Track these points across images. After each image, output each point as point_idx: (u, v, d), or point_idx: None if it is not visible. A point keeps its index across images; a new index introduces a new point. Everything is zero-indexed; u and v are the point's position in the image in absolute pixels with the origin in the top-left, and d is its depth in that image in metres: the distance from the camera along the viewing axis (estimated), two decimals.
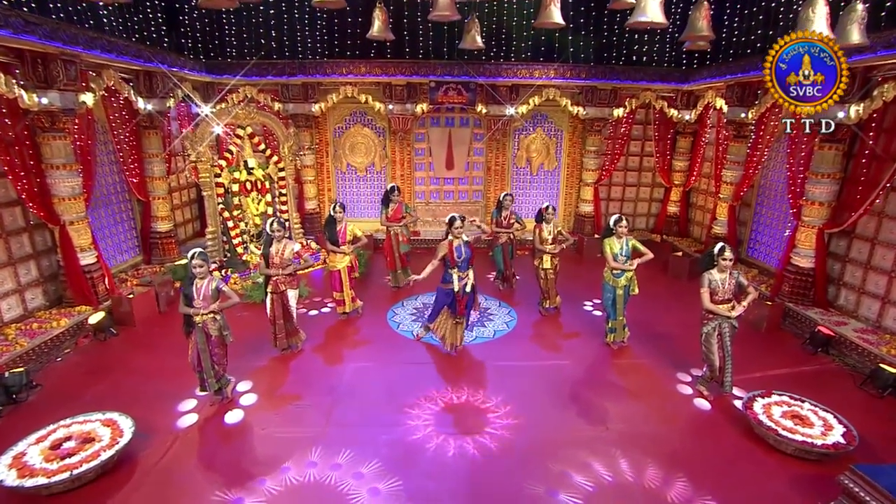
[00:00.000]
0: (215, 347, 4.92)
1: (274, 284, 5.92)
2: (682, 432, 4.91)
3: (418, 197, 11.51)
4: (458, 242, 5.82)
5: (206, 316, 4.81)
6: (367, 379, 5.71)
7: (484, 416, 4.99)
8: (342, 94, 10.18)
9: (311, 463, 4.29)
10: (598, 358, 6.28)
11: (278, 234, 5.85)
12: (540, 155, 11.36)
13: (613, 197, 11.75)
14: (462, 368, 5.94)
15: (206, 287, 4.80)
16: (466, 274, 5.90)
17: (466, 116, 11.07)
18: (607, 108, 10.47)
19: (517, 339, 6.76)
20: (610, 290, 6.25)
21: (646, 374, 5.88)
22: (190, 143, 8.27)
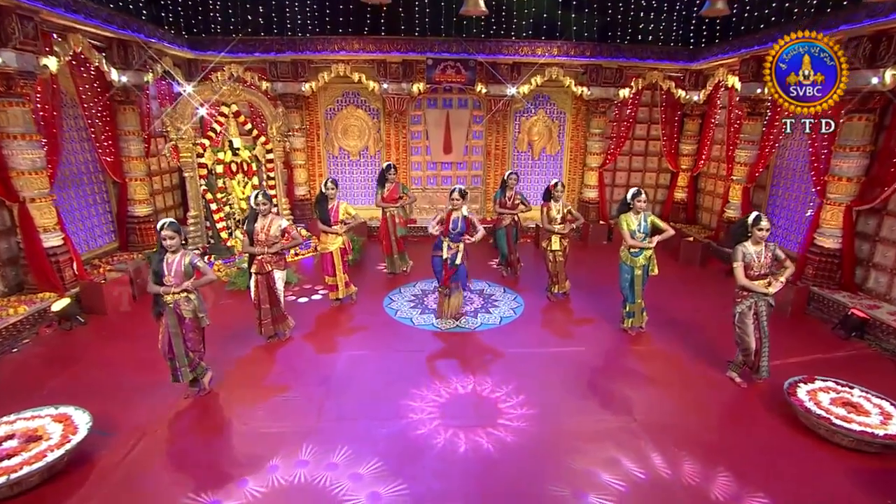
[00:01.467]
0: (189, 332, 4.32)
1: (259, 264, 5.34)
2: (717, 423, 4.39)
3: (415, 183, 10.93)
4: (458, 215, 5.73)
5: (178, 295, 4.21)
6: (364, 368, 5.13)
7: (496, 407, 4.43)
8: (334, 72, 9.58)
9: (301, 462, 3.70)
10: (615, 344, 5.74)
11: (264, 208, 5.26)
12: (542, 138, 10.83)
13: (618, 183, 11.24)
14: (467, 356, 5.37)
15: (178, 262, 4.20)
16: (457, 246, 5.75)
17: (465, 97, 10.51)
18: (612, 89, 9.96)
19: (526, 325, 6.21)
20: (627, 271, 5.71)
21: (669, 360, 5.35)
22: (170, 120, 7.64)
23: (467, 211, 5.79)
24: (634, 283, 5.70)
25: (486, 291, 7.29)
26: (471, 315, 6.42)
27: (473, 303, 6.83)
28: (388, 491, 3.42)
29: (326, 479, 3.51)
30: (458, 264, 5.77)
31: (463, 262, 5.84)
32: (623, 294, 5.85)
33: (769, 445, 4.00)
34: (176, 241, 4.16)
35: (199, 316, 4.34)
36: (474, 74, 9.69)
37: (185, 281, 4.21)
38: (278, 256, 5.44)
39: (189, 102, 7.79)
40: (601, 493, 3.43)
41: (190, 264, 4.22)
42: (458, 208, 5.72)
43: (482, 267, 8.36)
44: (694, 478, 3.58)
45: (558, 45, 9.67)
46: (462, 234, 5.71)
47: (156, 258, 4.22)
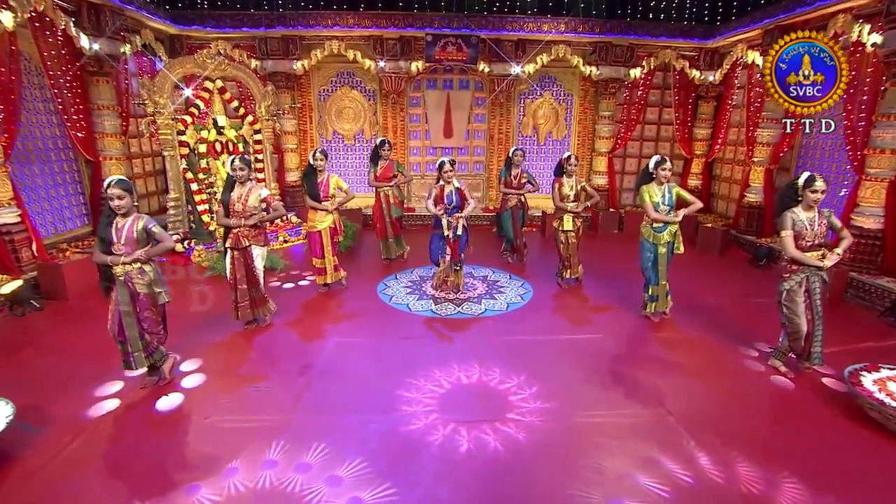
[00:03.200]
0: (145, 310, 3.64)
1: (235, 238, 4.67)
2: (767, 417, 3.70)
3: (413, 169, 10.27)
4: (450, 188, 5.44)
5: (129, 266, 3.54)
6: (352, 356, 4.44)
7: (504, 399, 3.74)
8: (327, 49, 8.95)
9: (269, 462, 3.02)
10: (637, 331, 5.05)
11: (241, 174, 4.60)
12: (548, 122, 10.18)
13: (628, 170, 10.57)
14: (470, 343, 4.68)
15: (129, 227, 3.53)
16: (456, 219, 5.44)
17: (467, 78, 9.87)
18: (623, 68, 9.32)
19: (536, 311, 5.52)
20: (650, 249, 5.03)
21: (700, 348, 4.66)
22: (148, 93, 6.98)
23: (458, 182, 5.52)
24: (658, 262, 5.02)
25: (490, 278, 6.61)
26: (474, 301, 5.74)
27: (476, 289, 6.15)
28: (371, 497, 2.72)
29: (296, 483, 2.81)
30: (460, 235, 5.50)
31: (465, 232, 5.58)
32: (645, 275, 5.16)
33: (834, 444, 3.31)
34: (126, 202, 3.49)
35: (155, 291, 3.67)
36: (476, 52, 9.05)
37: (137, 249, 3.54)
38: (257, 231, 4.77)
39: (168, 75, 7.14)
40: (640, 500, 2.74)
41: (143, 230, 3.56)
42: (449, 181, 5.45)
43: (485, 254, 7.68)
44: (755, 484, 2.88)
45: (566, 21, 9.05)
46: (458, 207, 5.47)
47: (103, 222, 3.55)
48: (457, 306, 5.57)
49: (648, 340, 4.87)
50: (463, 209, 5.50)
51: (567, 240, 6.05)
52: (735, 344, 4.70)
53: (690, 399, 3.80)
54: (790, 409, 3.77)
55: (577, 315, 5.48)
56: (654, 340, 4.86)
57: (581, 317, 5.44)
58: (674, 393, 3.85)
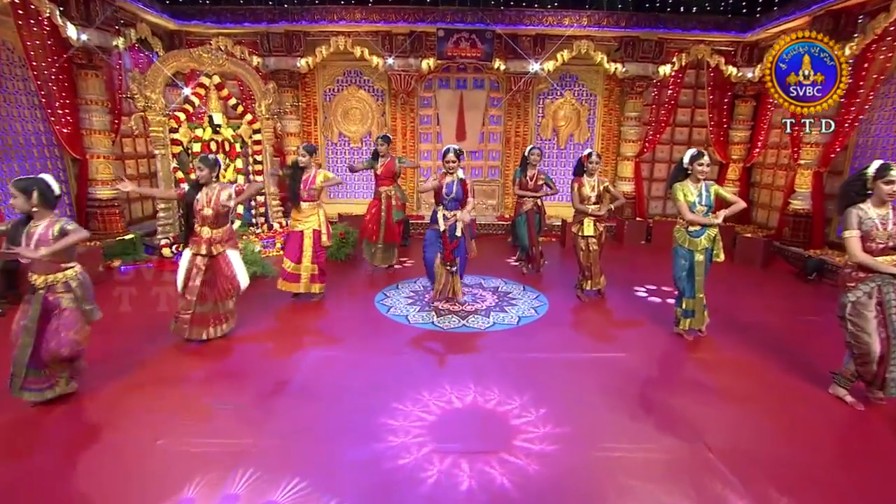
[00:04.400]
0: (68, 329, 3.24)
1: (206, 244, 4.30)
2: (829, 458, 3.13)
3: (423, 174, 9.94)
4: (452, 178, 5.06)
5: (52, 277, 3.19)
6: (333, 372, 4.02)
7: (507, 424, 3.26)
8: (333, 46, 8.73)
9: (229, 497, 2.60)
10: (668, 350, 4.52)
11: (201, 175, 4.26)
12: (569, 123, 9.76)
13: (657, 176, 10.04)
14: (473, 361, 4.22)
15: (44, 231, 3.16)
16: (454, 214, 5.04)
17: (481, 77, 9.55)
18: (651, 65, 8.88)
19: (551, 326, 5.04)
20: (685, 256, 4.52)
21: (745, 372, 4.11)
22: (138, 87, 6.80)
23: (463, 174, 5.11)
24: (694, 271, 4.50)
25: (501, 289, 6.15)
26: (481, 314, 5.28)
27: (485, 301, 5.70)
28: None
29: None
30: (459, 236, 5.04)
31: (464, 235, 5.09)
32: (678, 287, 4.64)
33: None
34: (20, 203, 3.08)
35: (85, 308, 3.31)
36: (492, 48, 8.74)
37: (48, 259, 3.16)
38: (228, 235, 4.43)
39: (161, 69, 6.96)
40: None
41: (59, 232, 3.18)
42: (452, 171, 5.04)
43: (498, 263, 7.24)
44: None
45: (589, 14, 8.69)
46: (459, 200, 5.04)
47: (13, 223, 3.20)
48: (461, 319, 5.12)
49: (682, 361, 4.33)
50: (464, 204, 5.06)
51: (588, 246, 5.57)
52: (786, 367, 4.13)
53: (734, 432, 3.26)
54: (858, 448, 3.20)
55: (599, 331, 4.97)
56: (689, 361, 4.32)
57: (603, 333, 4.92)
58: (714, 424, 3.32)
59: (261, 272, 6.37)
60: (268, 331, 4.79)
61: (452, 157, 4.97)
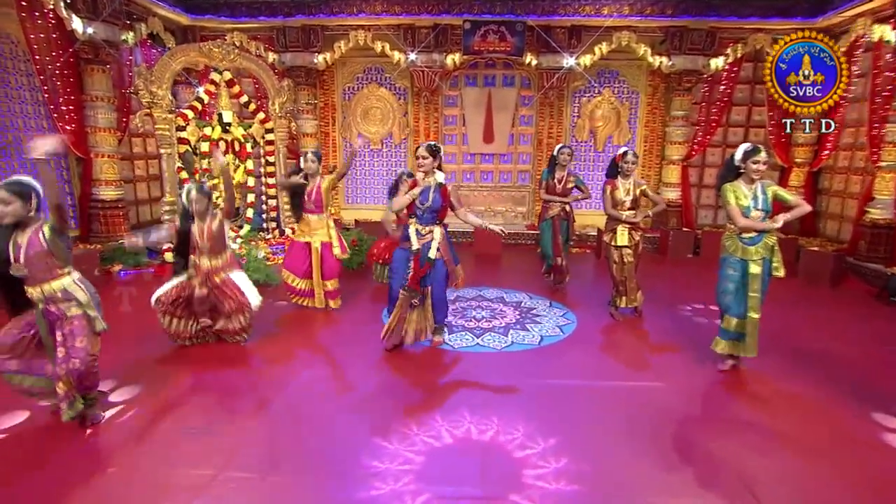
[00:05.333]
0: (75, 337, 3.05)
1: (203, 277, 4.18)
2: None
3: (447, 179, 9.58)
4: (429, 183, 4.10)
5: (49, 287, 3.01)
6: (321, 395, 3.71)
7: (516, 468, 2.85)
8: (352, 41, 8.59)
9: None
10: (714, 382, 4.00)
11: (198, 207, 4.09)
12: (608, 124, 9.29)
13: (707, 182, 9.41)
14: (483, 385, 3.82)
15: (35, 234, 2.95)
16: (429, 231, 4.13)
17: (511, 74, 9.21)
18: (701, 58, 8.35)
19: (577, 348, 4.59)
20: (736, 266, 3.99)
21: (809, 412, 3.56)
22: (144, 83, 6.78)
23: (444, 178, 4.16)
24: (749, 285, 3.97)
25: (525, 304, 5.73)
26: (499, 331, 4.88)
27: (506, 317, 5.29)
28: None
29: None
30: (434, 259, 4.11)
31: (441, 258, 4.16)
32: (721, 304, 4.09)
33: None
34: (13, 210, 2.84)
35: (90, 316, 3.12)
36: (522, 41, 8.40)
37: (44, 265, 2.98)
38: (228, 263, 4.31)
39: (169, 64, 6.93)
40: None
41: (51, 233, 2.96)
42: (427, 173, 4.09)
43: (524, 276, 6.82)
44: None
45: (630, 2, 8.27)
46: (436, 212, 4.08)
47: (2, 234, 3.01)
48: (476, 337, 4.74)
49: (730, 396, 3.81)
50: (441, 216, 4.11)
51: (621, 258, 5.10)
52: (864, 407, 3.56)
53: (796, 488, 2.75)
54: None
55: (633, 355, 4.48)
56: (738, 396, 3.80)
57: (637, 358, 4.43)
58: (767, 478, 2.81)
59: (264, 280, 6.17)
60: (263, 343, 4.53)
61: (423, 153, 4.06)
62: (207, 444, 3.07)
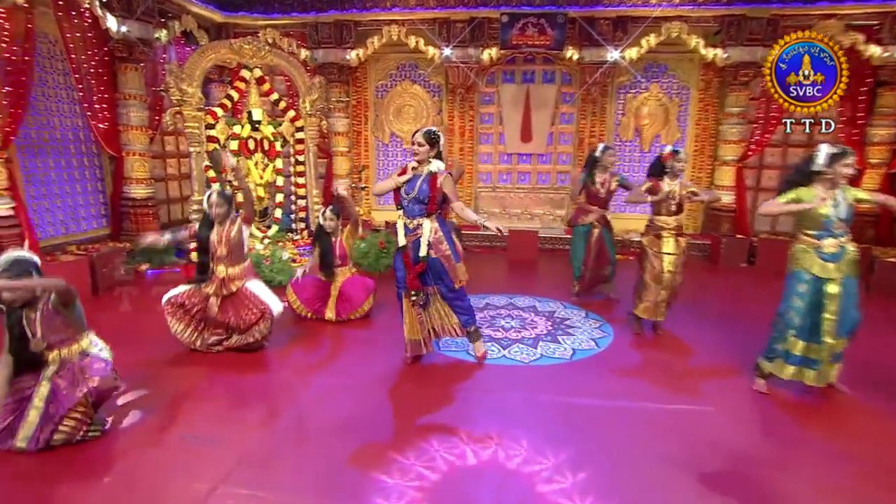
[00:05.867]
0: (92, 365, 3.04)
1: (219, 285, 4.17)
2: None
3: (482, 179, 9.44)
4: (422, 171, 3.74)
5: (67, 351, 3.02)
6: (334, 406, 3.57)
7: (531, 487, 2.61)
8: (385, 36, 8.50)
9: None
10: (771, 409, 3.63)
11: (220, 211, 4.06)
12: (655, 122, 8.86)
13: (765, 185, 8.84)
14: (504, 402, 3.60)
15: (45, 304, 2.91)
16: (418, 224, 3.79)
17: (552, 69, 8.93)
18: (761, 49, 7.81)
19: (613, 364, 4.30)
20: (808, 282, 3.59)
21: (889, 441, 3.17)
22: (175, 80, 6.88)
23: (437, 166, 3.73)
24: (824, 305, 3.55)
25: (558, 314, 5.46)
26: (528, 342, 4.63)
27: (536, 327, 5.04)
28: None
29: None
30: (425, 257, 3.80)
31: (436, 256, 3.82)
32: (781, 322, 3.71)
33: None
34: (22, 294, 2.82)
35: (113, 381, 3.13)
36: (563, 34, 8.11)
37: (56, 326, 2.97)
38: (245, 273, 4.28)
39: (199, 61, 7.01)
40: None
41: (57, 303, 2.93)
42: (421, 161, 3.72)
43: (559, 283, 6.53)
44: None
45: None
46: (424, 203, 3.73)
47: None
48: (503, 349, 4.51)
49: (792, 427, 3.44)
50: (430, 208, 3.72)
51: (661, 266, 4.68)
52: None
53: None
54: None
55: (675, 375, 4.15)
56: (802, 429, 3.42)
57: (680, 378, 4.10)
58: None
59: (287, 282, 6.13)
60: (279, 349, 4.46)
61: (419, 140, 3.71)
62: (210, 454, 2.98)
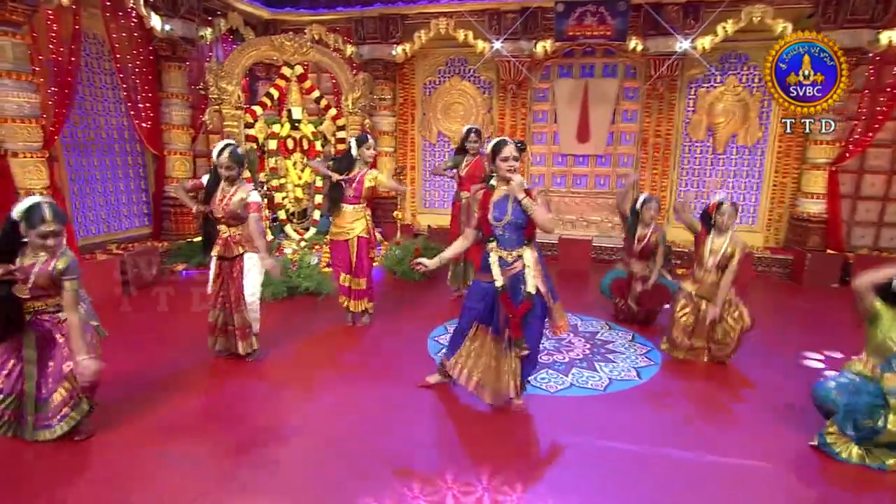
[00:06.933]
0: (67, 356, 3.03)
1: (223, 244, 4.10)
2: None
3: (535, 183, 9.02)
4: (503, 192, 3.27)
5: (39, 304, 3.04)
6: (328, 428, 3.39)
7: None
8: (433, 30, 8.31)
9: None
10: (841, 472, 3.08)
11: (228, 172, 3.97)
12: (731, 120, 8.10)
13: (866, 193, 7.86)
14: (519, 439, 3.27)
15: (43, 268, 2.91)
16: (517, 255, 3.29)
17: (613, 62, 8.40)
18: (866, 31, 6.90)
19: (654, 400, 3.86)
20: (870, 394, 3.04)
21: None
22: (214, 79, 7.03)
23: (522, 181, 3.20)
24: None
25: (601, 335, 5.03)
26: (559, 367, 4.26)
27: (573, 350, 4.65)
28: None
29: None
30: (533, 293, 3.24)
31: (543, 290, 3.28)
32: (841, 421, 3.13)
33: None
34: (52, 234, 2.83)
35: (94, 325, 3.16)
36: (626, 23, 7.57)
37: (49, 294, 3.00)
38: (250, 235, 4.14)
39: (239, 59, 7.13)
40: None
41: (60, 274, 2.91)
42: (506, 176, 3.20)
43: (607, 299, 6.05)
44: None
45: None
46: (523, 228, 3.25)
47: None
48: None
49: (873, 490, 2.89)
50: (529, 232, 3.27)
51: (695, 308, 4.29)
52: None
53: None
54: None
55: (727, 417, 3.66)
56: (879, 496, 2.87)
57: (733, 422, 3.60)
58: None
59: (315, 287, 6.09)
60: (289, 359, 4.37)
61: (512, 153, 3.21)
62: (183, 475, 2.88)
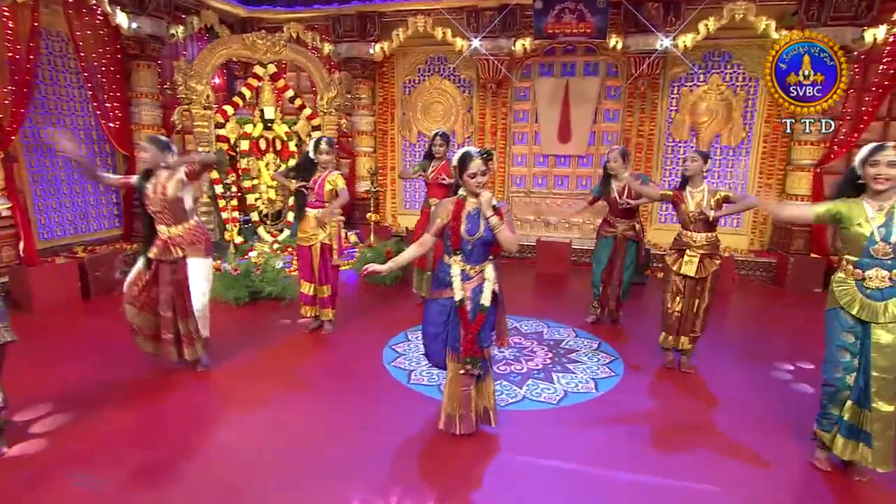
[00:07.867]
0: None
1: (162, 246, 3.90)
2: None
3: (515, 183, 8.83)
4: (475, 205, 3.06)
5: None
6: (264, 449, 3.19)
7: None
8: (411, 28, 8.10)
9: None
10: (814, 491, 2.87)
11: (147, 158, 3.81)
12: (715, 120, 7.86)
13: None
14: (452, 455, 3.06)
15: None
16: (478, 271, 3.11)
17: (595, 61, 8.17)
18: (850, 29, 6.66)
19: (610, 414, 3.65)
20: (847, 327, 2.86)
21: None
22: (184, 78, 6.84)
23: (492, 197, 3.03)
24: (872, 362, 2.78)
25: (565, 343, 4.82)
26: (513, 379, 4.05)
27: (533, 359, 4.44)
28: None
29: None
30: (488, 306, 3.10)
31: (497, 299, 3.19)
32: (828, 382, 2.97)
33: None
34: None
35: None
36: (605, 20, 7.33)
37: None
38: (194, 237, 3.95)
39: (209, 58, 6.94)
40: None
41: None
42: (477, 190, 3.01)
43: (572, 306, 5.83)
44: None
45: None
46: (489, 244, 3.07)
47: None
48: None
49: None
50: (495, 249, 3.10)
51: (679, 288, 4.06)
52: None
53: None
54: None
55: (690, 432, 3.44)
56: None
57: (695, 439, 3.38)
58: None
59: (277, 293, 5.90)
60: (238, 369, 4.18)
61: (480, 167, 2.97)
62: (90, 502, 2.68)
